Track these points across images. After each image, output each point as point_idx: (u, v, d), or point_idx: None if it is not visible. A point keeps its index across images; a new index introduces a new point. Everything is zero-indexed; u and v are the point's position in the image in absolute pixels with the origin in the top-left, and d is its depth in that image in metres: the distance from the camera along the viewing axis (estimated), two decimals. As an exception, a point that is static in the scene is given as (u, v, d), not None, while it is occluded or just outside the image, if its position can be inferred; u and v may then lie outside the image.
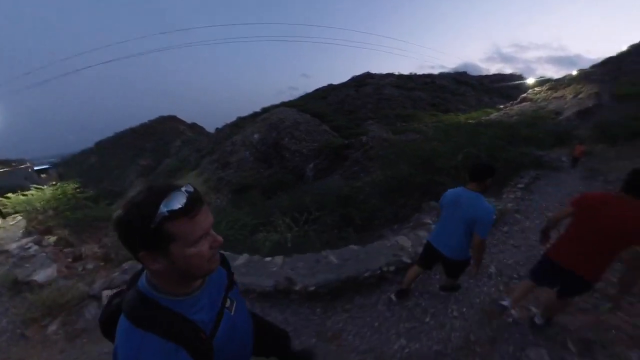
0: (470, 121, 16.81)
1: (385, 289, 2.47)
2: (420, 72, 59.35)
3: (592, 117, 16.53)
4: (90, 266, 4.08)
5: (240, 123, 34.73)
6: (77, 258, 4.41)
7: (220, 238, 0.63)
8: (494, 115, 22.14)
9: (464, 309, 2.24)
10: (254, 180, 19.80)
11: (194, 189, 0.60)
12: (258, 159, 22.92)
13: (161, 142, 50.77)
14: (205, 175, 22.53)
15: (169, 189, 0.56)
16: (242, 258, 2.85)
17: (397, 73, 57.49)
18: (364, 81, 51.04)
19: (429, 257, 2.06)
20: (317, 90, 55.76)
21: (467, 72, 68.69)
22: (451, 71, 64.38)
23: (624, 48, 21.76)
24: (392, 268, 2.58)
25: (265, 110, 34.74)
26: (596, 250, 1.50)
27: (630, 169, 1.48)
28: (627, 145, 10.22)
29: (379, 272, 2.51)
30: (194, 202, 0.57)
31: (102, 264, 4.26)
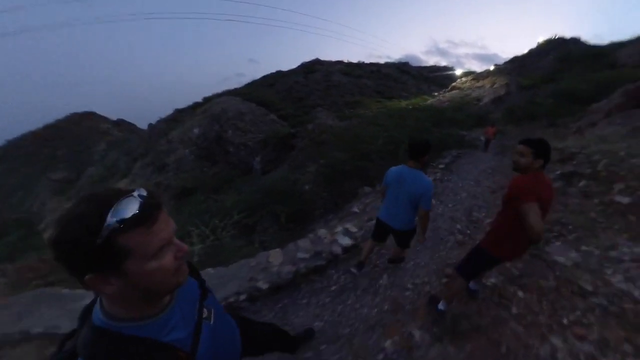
0: (409, 107, 17.60)
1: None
2: (368, 60, 60.76)
3: (503, 103, 19.69)
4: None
5: (178, 117, 30.42)
6: None
7: (185, 246, 0.55)
8: (430, 101, 24.23)
9: (323, 347, 1.56)
10: (197, 181, 17.48)
11: (149, 192, 0.51)
12: (200, 157, 20.27)
13: (79, 146, 40.54)
14: (139, 182, 19.04)
15: (116, 195, 0.47)
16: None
17: (346, 61, 57.94)
18: (313, 68, 49.95)
19: (380, 231, 2.17)
20: (264, 77, 52.73)
21: (409, 63, 73.06)
22: (395, 61, 67.61)
23: (526, 50, 27.49)
24: (243, 297, 1.96)
25: (207, 100, 31.07)
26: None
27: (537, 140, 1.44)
28: (528, 125, 12.26)
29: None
30: (150, 208, 0.48)
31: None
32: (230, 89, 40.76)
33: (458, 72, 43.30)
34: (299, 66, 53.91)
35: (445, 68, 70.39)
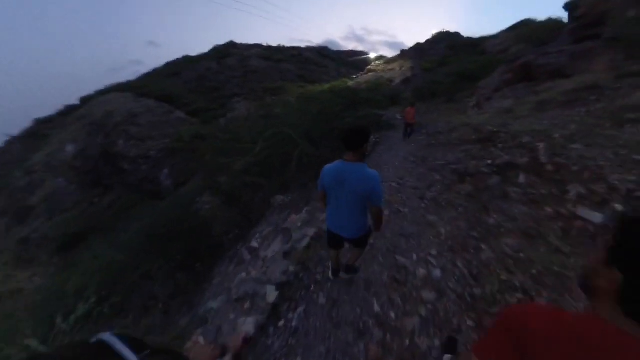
0: (327, 90, 16.71)
1: None
2: (289, 44, 57.99)
3: (411, 83, 21.17)
4: None
5: (42, 131, 21.31)
6: None
7: None
8: (350, 83, 24.41)
9: None
10: (88, 219, 12.09)
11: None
12: (83, 185, 14.40)
13: None
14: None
15: None
16: None
17: (265, 44, 53.89)
18: (227, 52, 44.20)
19: (333, 240, 1.78)
20: (168, 64, 44.05)
21: (329, 48, 73.62)
22: (315, 46, 66.58)
23: (424, 40, 31.69)
24: None
25: (85, 101, 22.75)
26: None
27: None
28: (431, 102, 13.29)
29: None
30: None
31: None
32: (120, 82, 30.91)
33: (372, 55, 46.09)
34: (211, 50, 47.12)
35: (362, 53, 74.01)
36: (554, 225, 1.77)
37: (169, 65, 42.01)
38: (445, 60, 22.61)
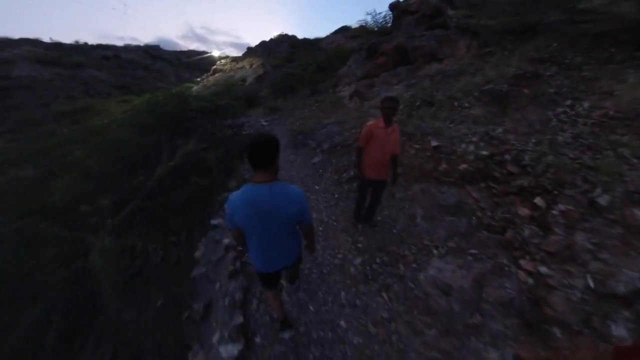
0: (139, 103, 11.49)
1: None
2: (100, 42, 40.06)
3: (265, 80, 19.19)
4: None
5: None
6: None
7: None
8: (195, 88, 19.31)
9: None
10: None
11: None
12: None
13: None
14: None
15: None
16: None
17: (47, 40, 34.92)
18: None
19: (269, 280, 1.53)
20: None
21: (161, 47, 59.12)
22: (142, 45, 50.37)
23: (268, 39, 31.75)
24: None
25: None
26: None
27: None
28: (292, 97, 11.60)
29: None
30: None
31: None
32: None
33: (216, 54, 40.73)
34: None
35: (204, 52, 64.65)
36: None
37: None
38: (292, 56, 22.57)
